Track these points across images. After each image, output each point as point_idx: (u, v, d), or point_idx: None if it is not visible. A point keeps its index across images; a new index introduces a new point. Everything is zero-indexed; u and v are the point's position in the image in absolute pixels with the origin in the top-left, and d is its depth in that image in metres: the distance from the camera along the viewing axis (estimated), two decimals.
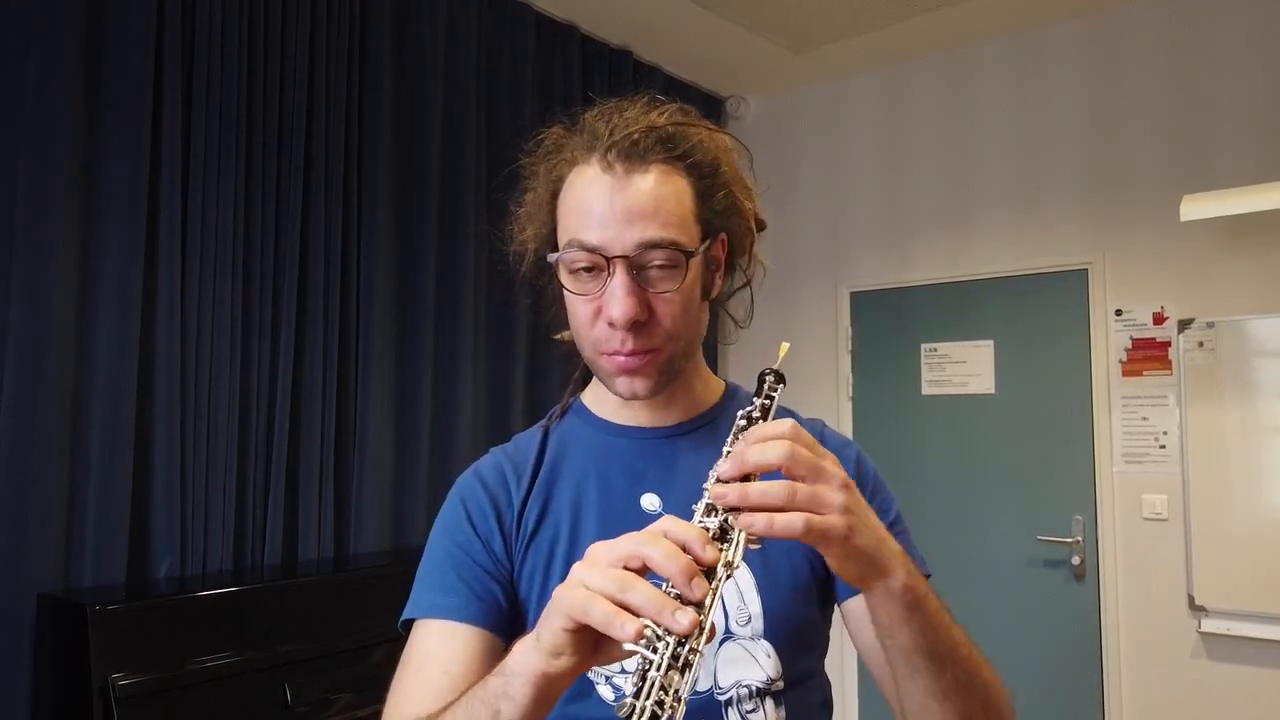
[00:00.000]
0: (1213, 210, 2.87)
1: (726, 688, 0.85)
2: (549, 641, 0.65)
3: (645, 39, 3.69)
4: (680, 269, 0.84)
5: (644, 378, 0.87)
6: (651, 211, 0.83)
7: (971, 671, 0.77)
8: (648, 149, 0.84)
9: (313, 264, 2.67)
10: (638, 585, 0.62)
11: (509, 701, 0.67)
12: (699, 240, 0.86)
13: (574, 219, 0.85)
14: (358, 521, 2.76)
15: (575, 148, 0.88)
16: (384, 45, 2.87)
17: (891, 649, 0.75)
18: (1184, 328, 3.15)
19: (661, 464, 0.92)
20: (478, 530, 0.91)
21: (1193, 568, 3.08)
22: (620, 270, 0.83)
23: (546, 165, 0.90)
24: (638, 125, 0.85)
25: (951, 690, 0.75)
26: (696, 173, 0.87)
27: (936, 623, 0.74)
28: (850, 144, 4.02)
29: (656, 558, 0.63)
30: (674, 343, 0.87)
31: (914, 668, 0.74)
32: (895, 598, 0.71)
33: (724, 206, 0.89)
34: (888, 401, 3.84)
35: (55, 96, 2.15)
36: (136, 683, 1.88)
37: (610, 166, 0.84)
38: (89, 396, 2.21)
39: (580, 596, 0.63)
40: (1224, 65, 3.15)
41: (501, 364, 3.24)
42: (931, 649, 0.74)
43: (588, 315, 0.86)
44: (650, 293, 0.84)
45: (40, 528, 2.10)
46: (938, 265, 3.74)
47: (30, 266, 2.11)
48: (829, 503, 0.66)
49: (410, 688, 0.83)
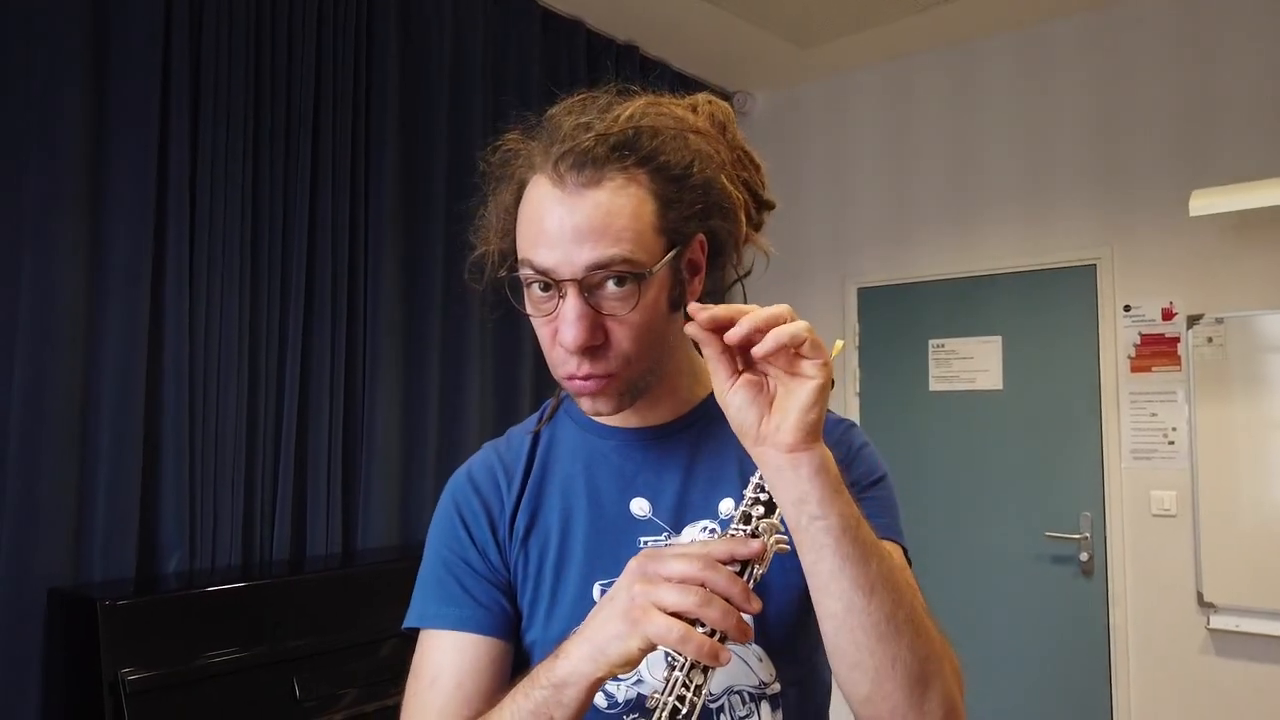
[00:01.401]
0: (1222, 205, 2.85)
1: (718, 695, 0.84)
2: (619, 656, 0.70)
3: (651, 34, 3.68)
4: (637, 286, 0.79)
5: (604, 398, 0.84)
6: (601, 230, 0.77)
7: (913, 600, 0.73)
8: (602, 158, 0.78)
9: (320, 260, 2.68)
10: (715, 602, 0.69)
11: (562, 709, 0.72)
12: (661, 253, 0.80)
13: (527, 237, 0.81)
14: (365, 517, 2.77)
15: (533, 152, 0.83)
16: (390, 41, 2.88)
17: (821, 532, 0.70)
18: (1193, 323, 3.13)
19: (650, 466, 0.91)
20: (475, 539, 0.90)
21: (1201, 564, 3.07)
22: (571, 294, 0.78)
23: (505, 172, 0.86)
24: (587, 136, 0.79)
25: (879, 585, 0.70)
26: (662, 176, 0.80)
27: (859, 516, 0.72)
28: (857, 139, 4.01)
29: (721, 585, 0.70)
30: (633, 365, 0.82)
31: (843, 556, 0.70)
32: (828, 467, 0.71)
33: (700, 206, 0.82)
34: (895, 398, 3.83)
35: (63, 95, 2.16)
36: (146, 677, 1.89)
37: (561, 179, 0.78)
38: (98, 392, 2.22)
39: (667, 626, 0.68)
40: (1233, 58, 3.13)
41: (508, 359, 3.24)
42: (857, 535, 0.70)
43: (548, 337, 0.83)
44: (605, 315, 0.79)
45: (50, 523, 2.12)
46: (945, 261, 3.73)
47: (40, 263, 2.12)
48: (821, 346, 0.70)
49: (426, 702, 0.84)
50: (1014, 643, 3.46)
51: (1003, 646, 3.48)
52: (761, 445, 0.72)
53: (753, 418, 0.72)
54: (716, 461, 0.90)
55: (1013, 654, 3.46)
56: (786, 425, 0.70)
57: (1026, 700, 3.43)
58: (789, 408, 0.70)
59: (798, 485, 0.70)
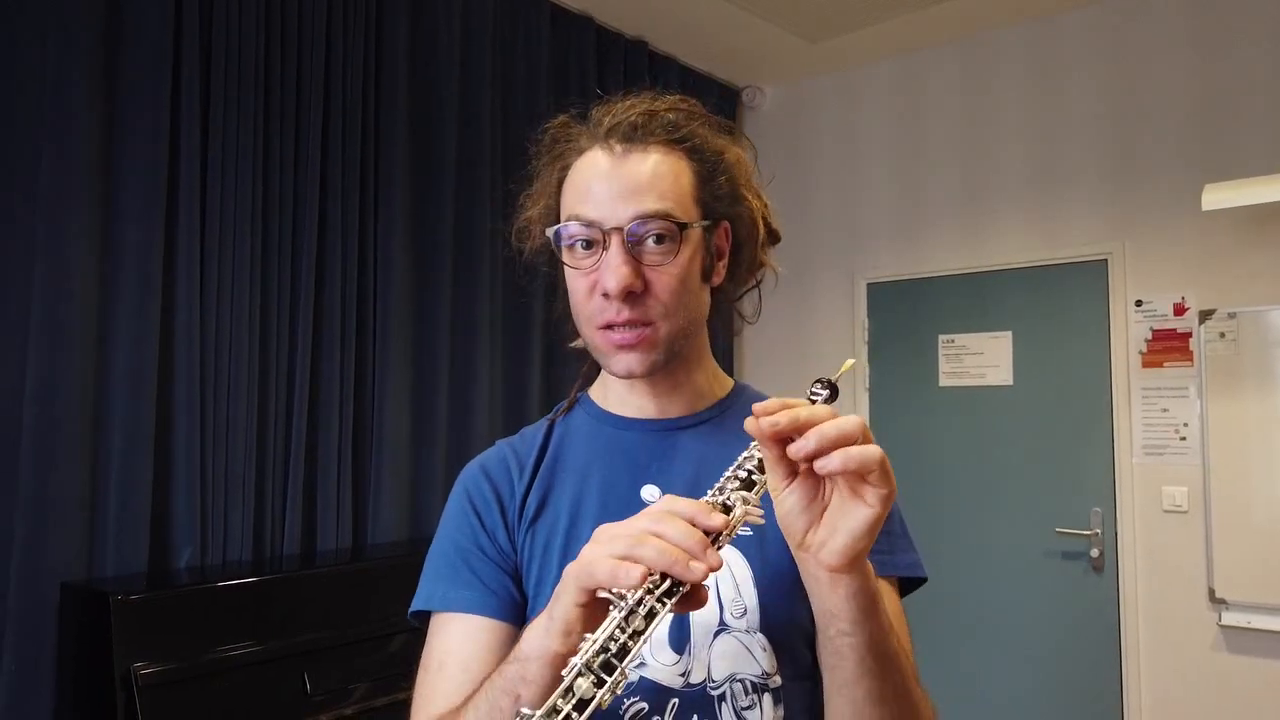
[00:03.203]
0: (1235, 199, 2.83)
1: (720, 681, 0.84)
2: (561, 619, 0.67)
3: (660, 29, 3.68)
4: (676, 243, 0.85)
5: (640, 353, 0.87)
6: (647, 186, 0.85)
7: (909, 684, 0.78)
8: (648, 132, 0.87)
9: (330, 256, 2.68)
10: (650, 542, 0.64)
11: (527, 685, 0.69)
12: (698, 219, 0.88)
13: (573, 197, 0.88)
14: (375, 511, 2.78)
15: (581, 136, 0.90)
16: (399, 37, 2.88)
17: (848, 648, 0.73)
18: (1205, 318, 3.12)
19: (664, 456, 0.92)
20: (484, 524, 0.91)
21: (1213, 560, 3.06)
22: (615, 242, 0.84)
23: (553, 154, 0.92)
24: (635, 111, 0.88)
25: (891, 698, 0.75)
26: (697, 157, 0.89)
27: (888, 627, 0.74)
28: (866, 134, 3.99)
29: (673, 534, 0.65)
30: (669, 319, 0.87)
31: (865, 670, 0.73)
32: (869, 589, 0.71)
33: (726, 193, 0.90)
34: (905, 394, 3.82)
35: (74, 91, 2.17)
36: (158, 672, 1.90)
37: (610, 149, 0.87)
38: (110, 388, 2.24)
39: (585, 561, 0.65)
40: (1246, 51, 3.10)
41: (517, 352, 3.25)
42: (882, 651, 0.74)
43: (584, 290, 0.87)
44: (645, 265, 0.85)
45: (62, 518, 2.13)
46: (955, 256, 3.71)
47: (52, 260, 2.13)
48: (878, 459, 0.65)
49: (433, 687, 0.84)
50: (1024, 639, 3.45)
51: (1013, 643, 3.47)
52: (804, 552, 0.70)
53: (801, 525, 0.69)
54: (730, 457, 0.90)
55: (1023, 651, 3.45)
56: (833, 546, 0.68)
57: (1037, 697, 3.42)
58: (840, 528, 0.67)
59: (832, 600, 0.72)
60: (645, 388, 0.94)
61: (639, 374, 0.88)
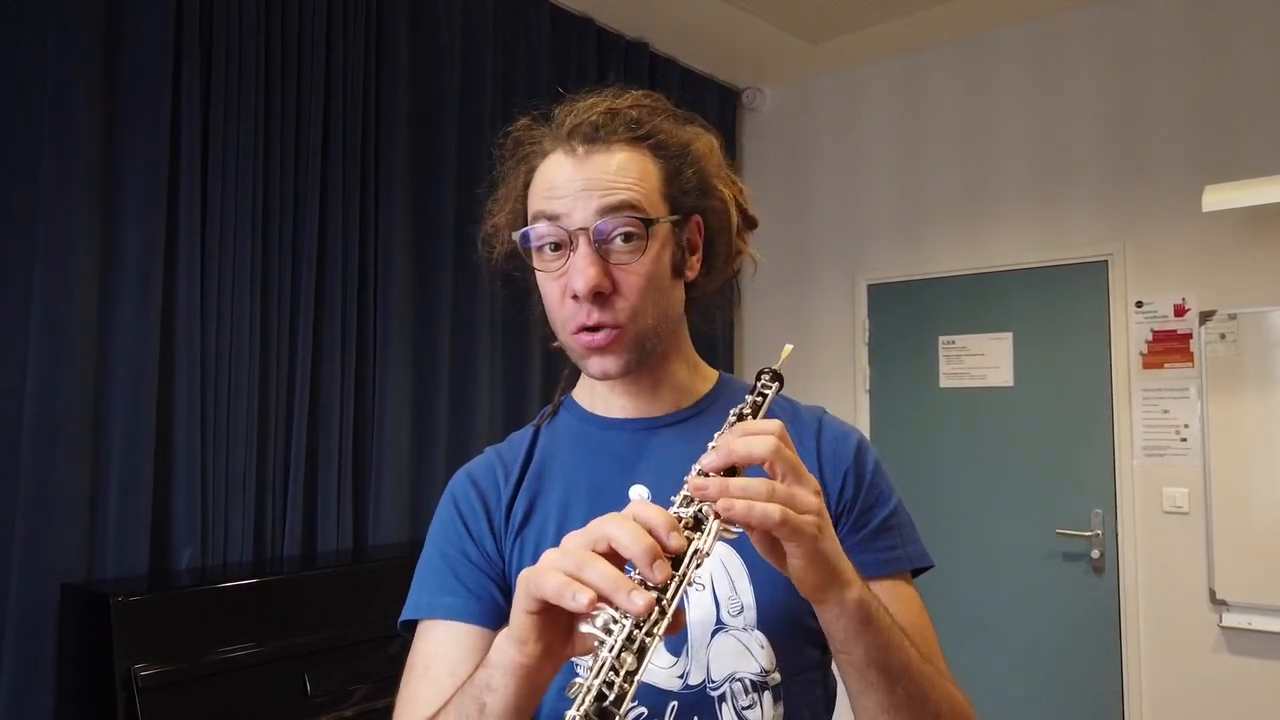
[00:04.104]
0: (1235, 200, 2.83)
1: (720, 681, 0.84)
2: (516, 628, 0.65)
3: (661, 30, 3.68)
4: (643, 241, 0.85)
5: (613, 355, 0.87)
6: (611, 183, 0.84)
7: (925, 688, 0.77)
8: (611, 131, 0.87)
9: (330, 258, 2.68)
10: (596, 563, 0.61)
11: (492, 694, 0.68)
12: (666, 215, 0.87)
13: (539, 195, 0.87)
14: (376, 513, 2.77)
15: (544, 138, 0.90)
16: (400, 38, 2.88)
17: (846, 664, 0.75)
18: (1206, 320, 3.12)
19: (651, 455, 0.92)
20: (471, 531, 0.91)
21: (1214, 561, 3.05)
22: (582, 242, 0.84)
23: (517, 157, 0.92)
24: (597, 111, 0.88)
25: (903, 706, 0.75)
26: (663, 152, 0.89)
27: (889, 639, 0.74)
28: (867, 134, 3.99)
29: (621, 538, 0.62)
30: (638, 320, 0.86)
31: (867, 683, 0.74)
32: (850, 611, 0.71)
33: (694, 187, 0.90)
34: (905, 394, 3.82)
35: (74, 91, 2.16)
36: (158, 673, 1.90)
37: (573, 150, 0.86)
38: (110, 389, 2.23)
39: (536, 572, 0.63)
40: (1247, 52, 3.10)
41: (517, 354, 3.24)
42: (884, 664, 0.74)
43: (557, 295, 0.87)
44: (613, 265, 0.84)
45: (63, 519, 2.13)
46: (955, 257, 3.71)
47: (52, 261, 2.13)
48: (804, 504, 0.68)
49: (416, 691, 0.84)
50: (1025, 641, 3.45)
51: (1014, 644, 3.47)
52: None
53: (774, 562, 0.71)
54: None
55: (1024, 652, 3.45)
56: (796, 580, 0.70)
57: (1038, 699, 3.42)
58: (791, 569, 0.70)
59: (823, 620, 0.74)
60: (626, 387, 0.94)
61: (614, 375, 0.88)
